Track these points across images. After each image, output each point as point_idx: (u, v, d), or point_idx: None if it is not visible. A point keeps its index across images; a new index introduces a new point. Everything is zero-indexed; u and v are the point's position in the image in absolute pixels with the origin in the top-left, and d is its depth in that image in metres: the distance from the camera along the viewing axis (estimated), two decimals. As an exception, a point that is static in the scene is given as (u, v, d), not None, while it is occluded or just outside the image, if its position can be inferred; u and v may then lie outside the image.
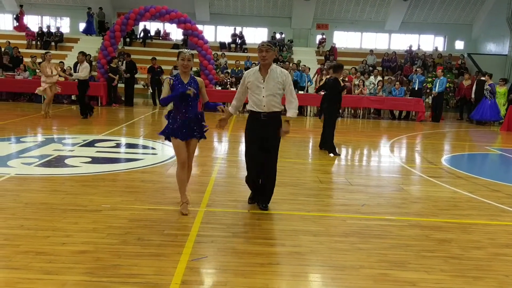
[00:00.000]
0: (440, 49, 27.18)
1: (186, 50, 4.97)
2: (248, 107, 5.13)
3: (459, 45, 28.33)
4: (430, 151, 10.40)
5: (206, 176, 6.79)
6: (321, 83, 10.32)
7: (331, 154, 9.04)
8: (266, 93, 4.94)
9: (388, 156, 9.53)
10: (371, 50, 24.73)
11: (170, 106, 5.22)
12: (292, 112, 5.08)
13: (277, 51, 5.03)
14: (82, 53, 12.96)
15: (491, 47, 26.38)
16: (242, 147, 9.95)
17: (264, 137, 5.06)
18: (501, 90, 17.01)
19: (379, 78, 18.52)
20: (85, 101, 13.17)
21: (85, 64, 12.75)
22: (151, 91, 18.32)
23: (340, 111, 16.45)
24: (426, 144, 11.34)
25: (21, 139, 9.19)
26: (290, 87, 5.05)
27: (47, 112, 12.50)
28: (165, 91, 4.89)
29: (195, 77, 5.07)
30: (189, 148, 5.05)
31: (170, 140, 5.04)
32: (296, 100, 5.07)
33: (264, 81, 4.95)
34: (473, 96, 17.22)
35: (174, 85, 4.88)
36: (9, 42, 21.40)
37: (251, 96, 5.04)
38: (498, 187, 6.91)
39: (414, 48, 25.74)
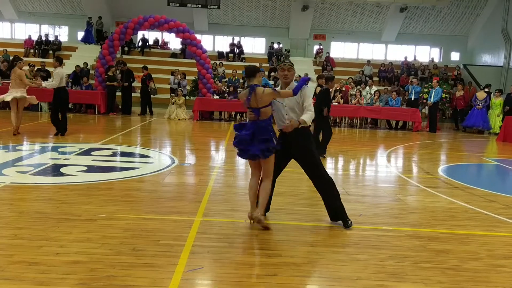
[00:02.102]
0: (436, 60, 27.30)
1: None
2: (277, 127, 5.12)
3: (455, 56, 28.49)
4: (426, 161, 10.40)
5: (203, 185, 6.76)
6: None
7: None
8: (287, 108, 4.97)
9: (385, 166, 9.51)
10: (368, 61, 24.89)
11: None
12: (306, 116, 4.89)
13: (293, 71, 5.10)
14: (56, 58, 11.32)
15: (487, 59, 26.52)
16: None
17: (295, 156, 5.08)
18: (496, 101, 17.13)
19: (374, 88, 18.61)
20: (57, 115, 10.95)
21: (57, 70, 10.79)
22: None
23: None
24: (423, 154, 11.35)
25: (17, 147, 9.15)
26: (308, 100, 4.97)
27: (16, 128, 10.60)
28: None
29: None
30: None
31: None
32: (312, 111, 4.95)
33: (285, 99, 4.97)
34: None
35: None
36: (6, 50, 21.41)
37: (275, 113, 5.04)
38: (494, 198, 6.90)
39: (410, 59, 25.86)
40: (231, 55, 25.72)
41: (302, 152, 5.04)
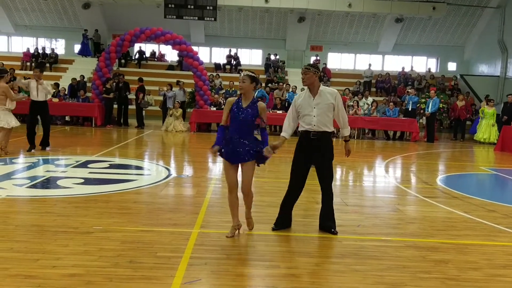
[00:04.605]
0: (433, 70, 27.43)
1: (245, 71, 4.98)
2: (300, 128, 5.20)
3: (452, 66, 28.62)
4: (425, 171, 10.38)
5: (200, 197, 6.72)
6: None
7: None
8: (316, 112, 5.01)
9: (383, 176, 9.50)
10: (369, 64, 25.48)
11: None
12: (346, 130, 5.24)
13: (317, 73, 5.06)
14: (40, 69, 10.45)
15: (483, 69, 26.66)
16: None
17: (314, 161, 5.13)
18: (490, 111, 17.10)
19: (370, 98, 18.69)
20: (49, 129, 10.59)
21: (44, 82, 10.24)
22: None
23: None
24: (421, 164, 11.34)
25: (13, 160, 9.10)
26: (340, 106, 5.13)
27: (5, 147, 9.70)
28: (224, 114, 4.90)
29: (259, 101, 4.96)
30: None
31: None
32: (346, 118, 5.22)
33: (314, 101, 5.04)
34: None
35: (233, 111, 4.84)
36: (2, 64, 21.41)
37: (302, 116, 5.12)
38: (493, 207, 6.88)
39: (407, 69, 26.00)
40: (228, 66, 25.80)
41: (325, 162, 5.14)
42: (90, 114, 17.12)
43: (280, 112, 17.14)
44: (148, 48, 27.29)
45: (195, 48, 18.67)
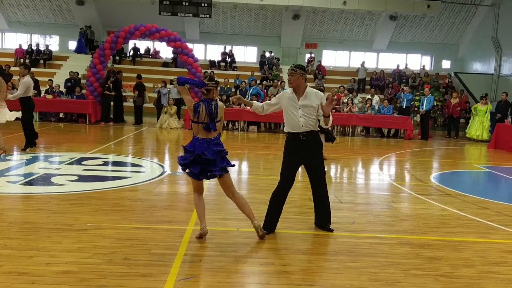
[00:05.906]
0: (427, 68, 27.50)
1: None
2: (285, 129, 5.13)
3: (446, 64, 28.71)
4: (419, 168, 10.42)
5: (194, 194, 6.71)
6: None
7: None
8: (302, 113, 4.95)
9: (377, 174, 9.53)
10: (363, 62, 25.61)
11: None
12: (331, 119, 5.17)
13: (304, 74, 5.02)
14: (24, 66, 10.50)
15: (477, 66, 26.76)
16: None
17: (307, 162, 5.09)
18: (483, 108, 17.14)
19: (376, 97, 18.73)
20: (32, 127, 10.26)
21: (25, 79, 9.83)
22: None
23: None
24: (415, 162, 11.38)
25: (7, 157, 9.06)
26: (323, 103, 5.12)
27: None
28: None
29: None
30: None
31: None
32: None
33: (299, 102, 4.98)
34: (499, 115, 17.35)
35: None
36: (-4, 61, 21.31)
37: (288, 118, 5.05)
38: (486, 205, 6.92)
39: (402, 67, 26.06)
40: (222, 64, 25.76)
41: (317, 160, 5.10)
42: (84, 111, 17.03)
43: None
44: (143, 45, 27.20)
45: (189, 45, 18.63)
